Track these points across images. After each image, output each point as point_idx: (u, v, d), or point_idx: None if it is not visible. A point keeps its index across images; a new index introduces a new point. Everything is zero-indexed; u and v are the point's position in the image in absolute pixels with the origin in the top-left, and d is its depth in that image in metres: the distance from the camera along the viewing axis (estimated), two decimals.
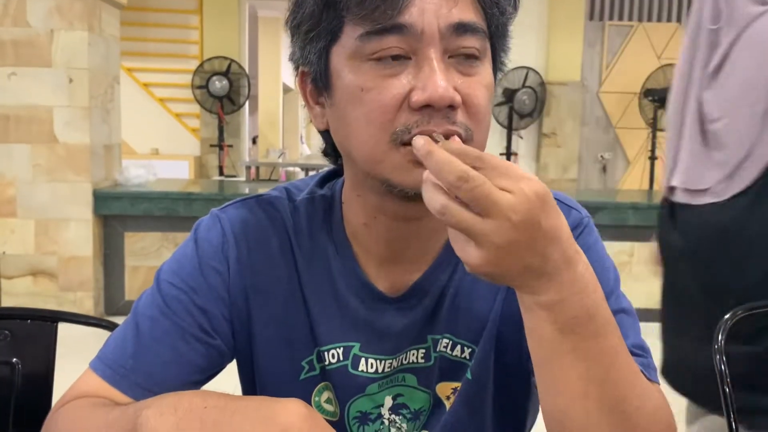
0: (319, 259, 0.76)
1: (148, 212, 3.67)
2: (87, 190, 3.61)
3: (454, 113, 0.63)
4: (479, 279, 0.74)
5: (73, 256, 3.65)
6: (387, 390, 0.76)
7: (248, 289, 0.75)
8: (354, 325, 0.75)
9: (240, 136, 6.95)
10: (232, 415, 0.49)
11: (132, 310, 0.75)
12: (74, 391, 0.71)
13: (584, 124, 7.04)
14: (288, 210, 0.77)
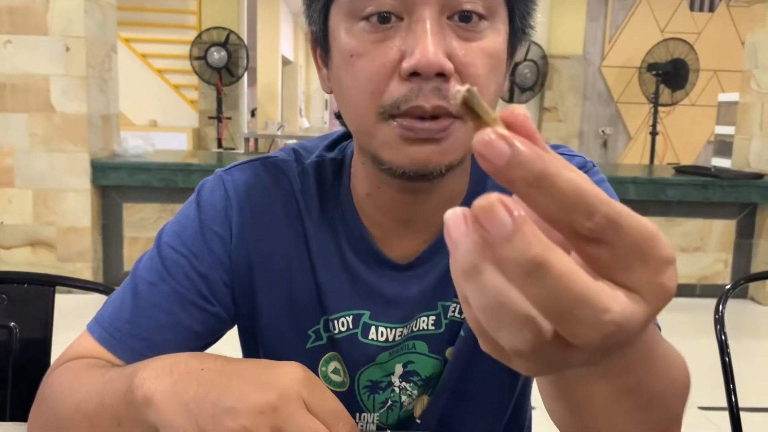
0: (328, 226, 0.74)
1: (147, 183, 3.65)
2: (85, 161, 3.58)
3: (447, 84, 0.58)
4: None
5: (72, 226, 3.64)
6: (397, 358, 0.75)
7: (252, 256, 0.73)
8: (364, 292, 0.73)
9: (238, 109, 6.90)
10: (230, 378, 0.46)
11: (131, 272, 0.73)
12: (70, 353, 0.70)
13: (586, 98, 6.99)
14: (296, 173, 0.75)
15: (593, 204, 0.28)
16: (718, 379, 1.82)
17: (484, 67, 0.60)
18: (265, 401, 0.43)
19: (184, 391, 0.46)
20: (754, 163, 4.08)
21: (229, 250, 0.72)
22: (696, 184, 3.87)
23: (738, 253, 4.05)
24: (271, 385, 0.44)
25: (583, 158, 0.78)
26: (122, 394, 0.51)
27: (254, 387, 0.44)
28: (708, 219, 4.01)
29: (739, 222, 4.04)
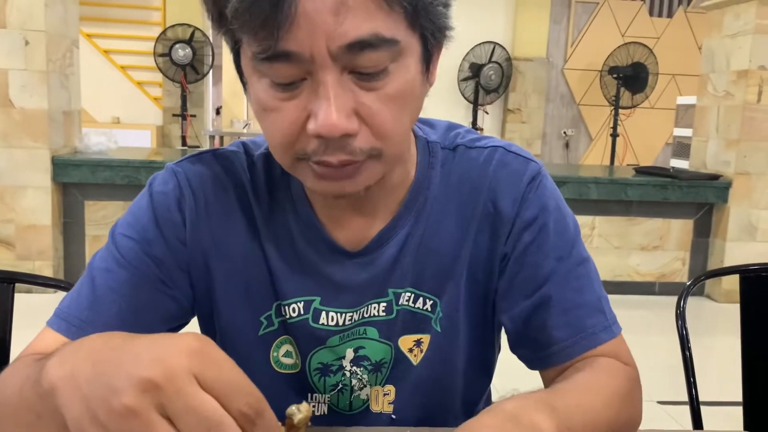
0: (278, 214, 0.76)
1: (110, 180, 3.59)
2: (45, 157, 3.51)
3: (353, 139, 0.60)
4: (443, 228, 0.77)
5: (31, 224, 3.55)
6: (348, 342, 0.77)
7: (206, 243, 0.75)
8: (314, 279, 0.76)
9: (203, 106, 6.82)
10: (123, 354, 0.41)
11: (87, 267, 0.74)
12: (29, 349, 0.69)
13: (549, 100, 7.10)
14: (245, 165, 0.77)
15: None
16: (676, 375, 1.88)
17: (392, 111, 0.62)
18: (148, 378, 0.39)
19: (81, 373, 0.42)
20: (710, 164, 4.20)
21: (183, 237, 0.74)
22: (655, 184, 3.96)
23: (695, 251, 4.17)
24: (157, 360, 0.39)
25: (536, 165, 0.79)
26: (34, 386, 0.47)
27: (140, 364, 0.39)
28: (667, 218, 4.12)
29: (697, 221, 4.15)
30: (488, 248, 0.77)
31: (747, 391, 1.25)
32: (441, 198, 0.77)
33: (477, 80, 6.54)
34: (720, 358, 2.74)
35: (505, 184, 0.76)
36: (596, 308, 0.76)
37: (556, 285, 0.75)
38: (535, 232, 0.76)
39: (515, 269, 0.76)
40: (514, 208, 0.76)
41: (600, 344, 0.74)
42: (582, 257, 0.77)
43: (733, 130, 4.00)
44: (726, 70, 4.06)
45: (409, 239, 0.76)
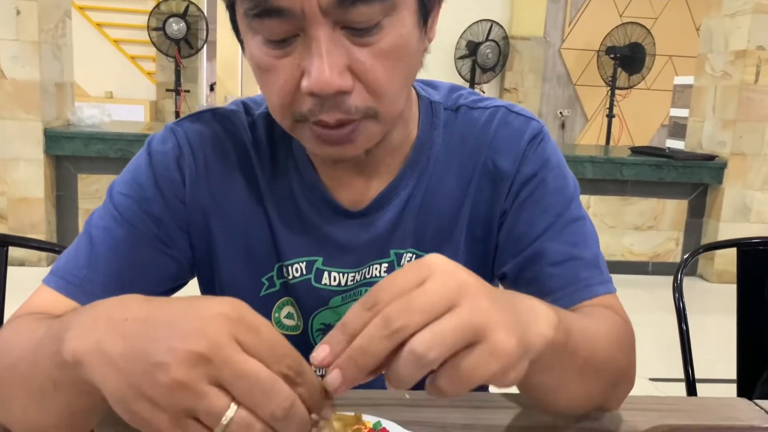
0: (280, 174, 0.75)
1: (103, 153, 3.56)
2: (38, 129, 3.47)
3: (347, 97, 0.60)
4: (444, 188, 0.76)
5: (24, 197, 3.53)
6: (350, 303, 0.77)
7: (206, 202, 0.74)
8: (316, 239, 0.75)
9: (197, 82, 6.76)
10: (156, 329, 0.41)
11: (85, 225, 0.73)
12: (24, 308, 0.68)
13: (545, 80, 7.06)
14: (246, 124, 0.76)
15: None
16: (668, 353, 1.89)
17: (387, 68, 0.61)
18: (197, 353, 0.39)
19: (111, 348, 0.42)
20: (706, 144, 4.20)
21: (182, 196, 0.73)
22: (651, 164, 3.96)
23: (689, 231, 4.18)
24: (199, 332, 0.39)
25: (538, 124, 0.79)
26: (52, 356, 0.46)
27: (182, 337, 0.39)
28: (661, 198, 4.12)
29: (691, 202, 4.16)
30: (488, 206, 0.77)
31: (741, 366, 1.26)
32: (443, 158, 0.77)
33: (474, 59, 6.49)
34: (713, 336, 2.75)
35: (506, 143, 0.77)
36: (592, 263, 0.75)
37: (550, 239, 0.74)
38: (533, 187, 0.76)
39: (512, 223, 0.77)
40: (515, 165, 0.76)
41: (595, 296, 0.73)
42: (579, 215, 0.77)
43: (730, 111, 4.00)
44: (724, 49, 4.04)
45: (411, 200, 0.76)
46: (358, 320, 0.42)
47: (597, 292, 0.73)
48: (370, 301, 0.42)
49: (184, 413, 0.39)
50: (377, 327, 0.41)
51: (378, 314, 0.41)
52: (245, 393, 0.39)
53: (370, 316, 0.41)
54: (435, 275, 0.42)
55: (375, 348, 0.41)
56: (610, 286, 0.75)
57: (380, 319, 0.41)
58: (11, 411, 0.55)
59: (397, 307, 0.41)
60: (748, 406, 0.80)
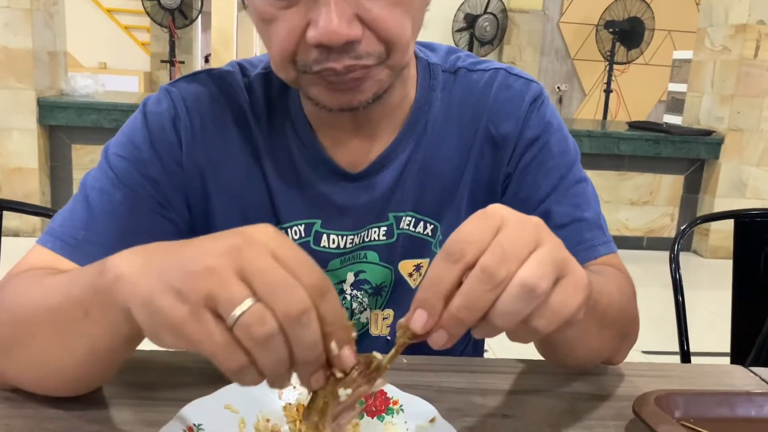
0: (278, 136, 0.74)
1: (97, 124, 3.53)
2: (31, 98, 3.43)
3: (357, 45, 0.59)
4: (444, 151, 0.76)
5: (18, 167, 3.50)
6: (349, 266, 0.77)
7: (203, 164, 0.73)
8: (315, 201, 0.75)
9: (192, 53, 6.69)
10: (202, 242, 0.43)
11: (80, 187, 0.72)
12: (22, 266, 0.67)
13: (543, 54, 7.01)
14: (242, 85, 0.75)
15: None
16: (661, 326, 1.90)
17: (396, 16, 0.60)
18: (230, 243, 0.40)
19: (154, 262, 0.44)
20: (704, 120, 4.19)
21: (179, 158, 0.72)
22: (648, 139, 3.95)
23: (684, 207, 4.19)
24: (240, 234, 0.41)
25: (538, 86, 0.79)
26: (91, 281, 0.49)
27: (224, 237, 0.42)
28: (658, 174, 4.12)
29: (687, 177, 4.16)
30: (490, 171, 0.77)
31: (735, 338, 1.26)
32: (442, 121, 0.77)
33: (471, 32, 6.43)
34: (707, 311, 2.78)
35: (507, 106, 0.76)
36: (595, 224, 0.76)
37: (555, 201, 0.76)
38: (536, 150, 0.76)
39: (515, 188, 0.77)
40: (517, 128, 0.76)
41: (599, 256, 0.75)
42: (581, 176, 0.78)
43: (728, 86, 3.98)
44: (724, 24, 4.01)
45: (410, 162, 0.76)
46: (449, 276, 0.41)
47: (600, 252, 0.75)
48: (454, 255, 0.41)
49: (204, 302, 0.39)
50: (479, 281, 0.41)
51: (470, 267, 0.41)
52: (265, 286, 0.39)
53: (460, 269, 0.41)
54: (508, 222, 0.43)
55: (481, 302, 0.41)
56: (612, 246, 0.77)
57: (480, 272, 0.41)
58: (25, 355, 0.56)
59: (493, 258, 0.41)
60: (743, 373, 0.80)
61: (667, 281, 1.22)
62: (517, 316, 0.42)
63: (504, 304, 0.41)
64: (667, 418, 0.60)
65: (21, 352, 0.57)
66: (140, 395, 0.64)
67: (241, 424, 0.56)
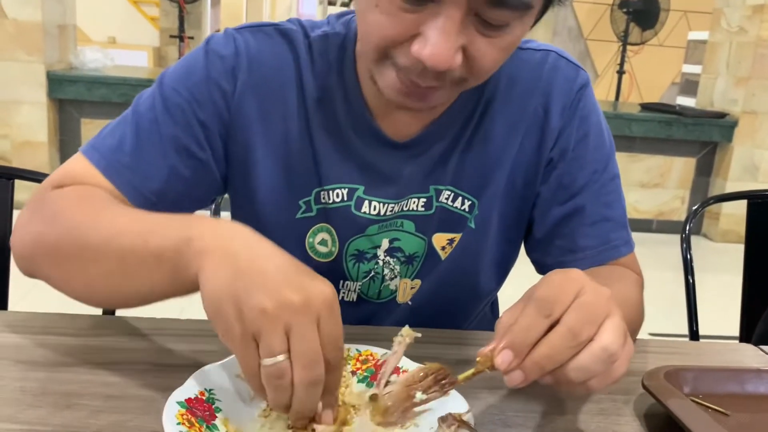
0: (329, 100, 0.75)
1: (106, 98, 3.52)
2: (40, 72, 3.43)
3: (449, 72, 0.60)
4: (492, 129, 0.77)
5: (27, 140, 3.51)
6: (385, 233, 0.78)
7: (253, 117, 0.74)
8: (359, 167, 0.76)
9: (201, 28, 6.64)
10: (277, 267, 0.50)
11: (132, 108, 0.74)
12: (68, 174, 0.70)
13: (556, 33, 6.93)
14: (303, 44, 0.75)
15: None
16: (669, 309, 1.89)
17: (497, 57, 0.62)
18: (293, 300, 0.47)
19: (235, 257, 0.50)
20: (717, 102, 4.14)
21: (229, 106, 0.73)
22: (660, 120, 3.92)
23: (695, 190, 4.16)
24: (304, 291, 0.48)
25: (585, 74, 0.80)
26: (176, 240, 0.53)
27: (291, 285, 0.48)
28: (669, 156, 4.09)
29: (699, 160, 4.13)
30: (533, 153, 0.78)
31: (745, 319, 1.26)
32: (492, 99, 0.77)
33: None
34: (716, 294, 2.76)
35: (558, 90, 0.77)
36: (621, 223, 0.80)
37: (589, 197, 0.78)
38: (576, 142, 0.78)
39: (553, 178, 0.79)
40: (563, 115, 0.77)
41: (619, 257, 0.79)
42: (615, 173, 0.80)
43: (744, 67, 3.92)
44: (741, 4, 3.94)
45: (457, 138, 0.77)
46: (538, 329, 0.47)
47: (622, 253, 0.79)
48: (545, 311, 0.47)
49: (252, 334, 0.47)
50: (565, 338, 0.47)
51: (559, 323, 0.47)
52: (298, 353, 0.47)
53: (548, 324, 0.47)
54: (587, 289, 0.49)
55: (562, 356, 0.47)
56: (631, 245, 0.80)
57: (567, 331, 0.46)
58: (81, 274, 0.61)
59: (578, 320, 0.47)
60: (753, 351, 0.80)
61: (675, 265, 1.21)
62: (591, 373, 0.47)
63: (583, 361, 0.47)
64: (676, 393, 0.59)
65: (78, 269, 0.61)
66: (153, 360, 0.64)
67: None
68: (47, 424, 0.52)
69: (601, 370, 0.47)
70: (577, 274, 0.50)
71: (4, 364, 0.61)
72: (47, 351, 0.65)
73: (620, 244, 0.79)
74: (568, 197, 0.79)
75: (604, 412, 0.62)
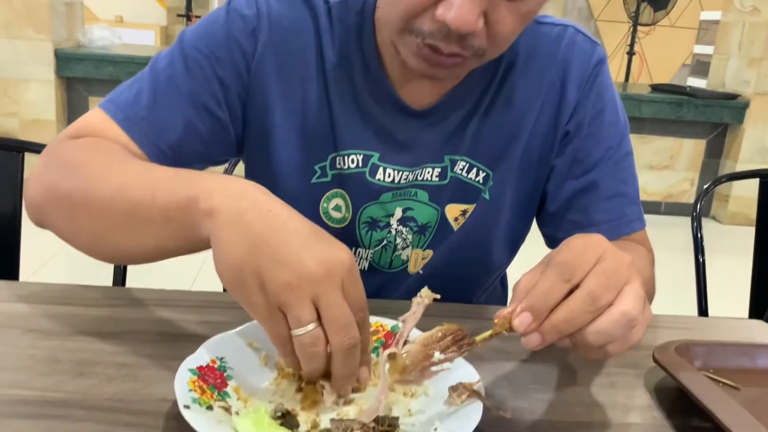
0: (348, 66, 0.75)
1: (114, 77, 3.51)
2: (48, 49, 3.42)
3: (470, 36, 0.62)
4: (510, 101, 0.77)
5: (35, 118, 3.51)
6: (399, 202, 0.78)
7: (270, 79, 0.74)
8: (375, 134, 0.76)
9: (208, 7, 6.60)
10: (293, 235, 0.49)
11: (150, 66, 0.75)
12: (85, 127, 0.71)
13: (566, 14, 6.86)
14: (323, 9, 0.76)
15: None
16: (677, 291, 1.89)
17: (516, 25, 0.63)
18: (316, 271, 0.47)
19: (250, 225, 0.49)
20: (729, 83, 4.10)
21: (249, 66, 0.74)
22: (671, 102, 3.88)
23: (705, 172, 4.13)
24: (324, 261, 0.48)
25: (602, 51, 0.80)
26: (182, 198, 0.53)
27: (311, 256, 0.48)
28: (679, 138, 4.05)
29: (709, 142, 4.09)
30: (549, 125, 0.79)
31: (755, 297, 1.25)
32: (510, 69, 0.77)
33: None
34: (724, 276, 2.76)
35: (575, 65, 0.78)
36: (634, 200, 0.81)
37: (603, 172, 0.79)
38: (592, 117, 0.78)
39: (568, 151, 0.79)
40: (580, 89, 0.78)
41: (633, 232, 0.80)
42: (629, 150, 0.81)
43: (757, 48, 3.88)
44: None
45: (475, 106, 0.77)
46: (559, 292, 0.47)
47: (635, 228, 0.80)
48: (566, 276, 0.47)
49: (278, 305, 0.48)
50: (585, 302, 0.46)
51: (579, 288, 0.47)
52: (329, 320, 0.48)
53: (569, 288, 0.47)
54: (608, 254, 0.48)
55: (581, 320, 0.46)
56: (643, 221, 0.82)
57: (587, 295, 0.46)
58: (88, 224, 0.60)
59: (598, 285, 0.46)
60: (763, 327, 0.79)
61: (683, 247, 1.21)
62: (609, 338, 0.47)
63: (603, 325, 0.46)
64: (687, 366, 0.59)
65: (86, 221, 0.61)
66: (164, 330, 0.65)
67: (264, 359, 0.57)
68: (60, 391, 0.53)
69: (620, 334, 0.47)
70: (598, 239, 0.50)
71: (15, 333, 0.62)
72: (58, 321, 0.65)
73: (634, 219, 0.80)
74: (582, 171, 0.79)
75: (614, 386, 0.62)
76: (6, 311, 0.66)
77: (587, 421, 0.55)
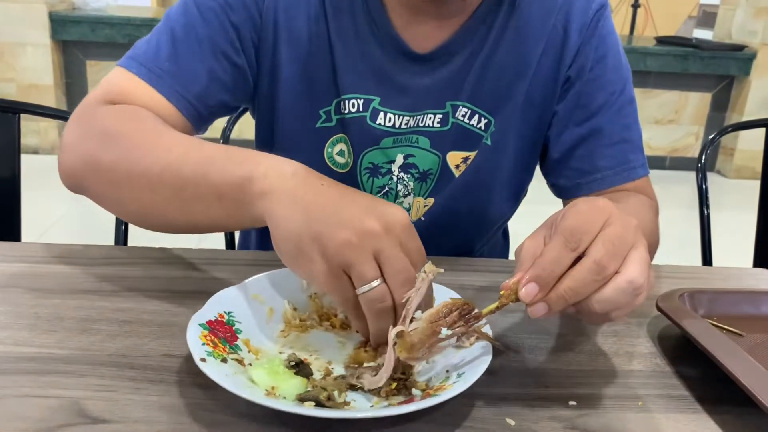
0: (349, 8, 0.75)
1: (111, 39, 3.47)
2: (42, 12, 3.37)
3: None
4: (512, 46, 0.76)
5: (33, 84, 3.48)
6: (400, 147, 0.78)
7: (279, 23, 0.75)
8: (376, 78, 0.76)
9: None
10: (347, 200, 0.50)
11: (163, 19, 0.74)
12: (112, 89, 0.70)
13: None
14: None
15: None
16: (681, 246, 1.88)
17: None
18: (374, 227, 0.48)
19: (304, 196, 0.50)
20: (736, 34, 4.02)
21: (261, 9, 0.74)
22: (676, 54, 3.82)
23: (710, 126, 4.09)
24: (381, 218, 0.49)
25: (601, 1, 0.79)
26: (237, 178, 0.54)
27: (367, 214, 0.49)
28: (684, 91, 4.00)
29: (715, 95, 4.04)
30: (551, 70, 0.78)
31: (759, 249, 1.25)
32: (512, 15, 0.77)
33: None
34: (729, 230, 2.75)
35: (577, 9, 0.77)
36: (637, 146, 0.80)
37: (607, 118, 0.78)
38: (594, 62, 0.78)
39: (572, 94, 0.79)
40: (581, 34, 0.77)
41: (637, 178, 0.80)
42: (632, 96, 0.80)
43: None
44: None
45: (476, 53, 0.76)
46: (565, 261, 0.46)
47: (639, 174, 0.80)
48: (572, 245, 0.46)
49: (341, 267, 0.48)
50: (591, 272, 0.45)
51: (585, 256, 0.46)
52: (393, 274, 0.48)
53: (575, 257, 0.46)
54: (613, 218, 0.48)
55: (587, 289, 0.46)
56: (646, 167, 0.81)
57: (593, 264, 0.45)
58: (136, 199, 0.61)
59: (605, 253, 0.46)
60: (767, 275, 0.79)
61: (688, 202, 1.20)
62: (615, 305, 0.46)
63: (608, 294, 0.46)
64: (691, 314, 0.59)
65: (133, 194, 0.61)
66: (166, 288, 0.65)
67: (270, 312, 0.57)
68: (64, 347, 0.53)
69: (625, 302, 0.47)
70: (604, 203, 0.50)
71: (17, 292, 0.62)
72: (60, 280, 0.65)
73: (637, 166, 0.80)
74: (585, 117, 0.79)
75: (617, 334, 0.62)
76: (8, 271, 0.66)
77: (591, 369, 0.56)
